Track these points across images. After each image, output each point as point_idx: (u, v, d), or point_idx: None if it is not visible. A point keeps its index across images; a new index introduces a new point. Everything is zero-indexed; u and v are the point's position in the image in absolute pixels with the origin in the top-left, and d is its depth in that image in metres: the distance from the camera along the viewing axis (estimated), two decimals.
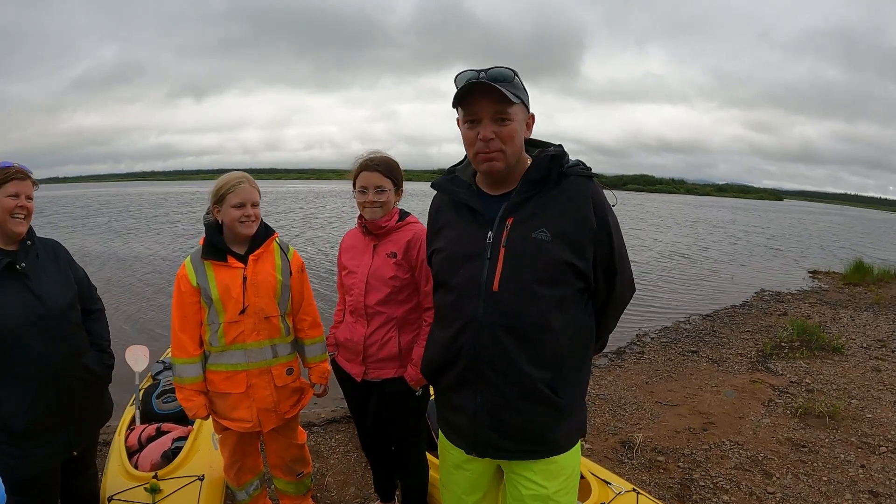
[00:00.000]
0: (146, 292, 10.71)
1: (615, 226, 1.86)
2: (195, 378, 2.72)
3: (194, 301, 2.67)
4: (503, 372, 1.82)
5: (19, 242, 2.40)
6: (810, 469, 3.99)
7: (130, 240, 18.71)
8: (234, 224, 2.63)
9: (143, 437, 3.45)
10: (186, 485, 2.91)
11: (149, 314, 9.14)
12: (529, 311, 1.79)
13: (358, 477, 3.93)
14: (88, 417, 2.61)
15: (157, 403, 3.90)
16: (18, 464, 2.34)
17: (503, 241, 1.82)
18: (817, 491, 3.70)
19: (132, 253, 15.48)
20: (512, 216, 1.83)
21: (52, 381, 2.35)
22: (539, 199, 1.82)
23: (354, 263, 2.75)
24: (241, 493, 3.07)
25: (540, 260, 1.77)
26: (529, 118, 1.88)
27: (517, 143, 1.81)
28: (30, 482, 2.41)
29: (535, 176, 1.82)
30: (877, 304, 9.97)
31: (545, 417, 1.84)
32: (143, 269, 13.15)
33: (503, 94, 1.71)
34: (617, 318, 2.07)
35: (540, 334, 1.80)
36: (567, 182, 1.82)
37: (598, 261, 1.83)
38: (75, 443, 2.55)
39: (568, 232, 1.77)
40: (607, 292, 1.92)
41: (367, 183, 2.61)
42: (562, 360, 1.83)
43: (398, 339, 2.68)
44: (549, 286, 1.78)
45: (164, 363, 4.62)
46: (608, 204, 1.86)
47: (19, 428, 2.30)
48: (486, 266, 1.84)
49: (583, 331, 1.91)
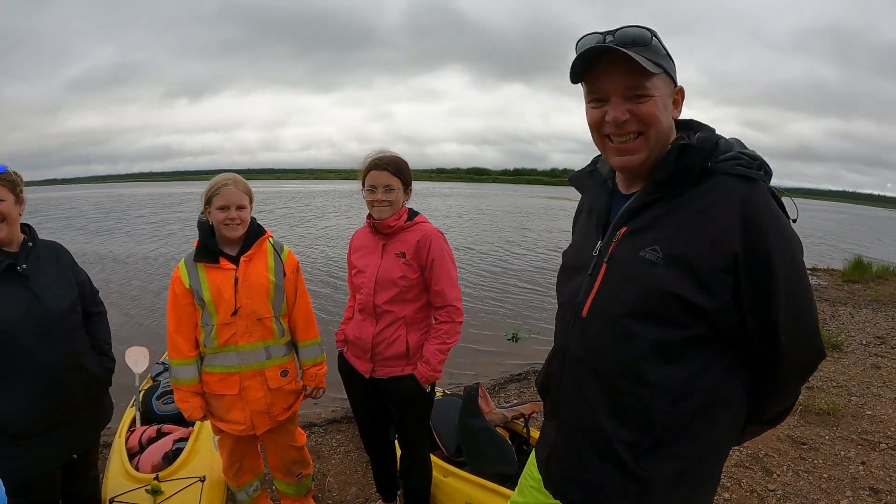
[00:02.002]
0: (145, 293, 10.72)
1: (785, 257, 1.28)
2: (191, 379, 2.73)
3: (188, 303, 2.68)
4: (578, 417, 1.50)
5: (21, 244, 2.39)
6: (811, 466, 3.99)
7: (128, 241, 18.66)
8: (220, 226, 2.64)
9: (143, 439, 3.45)
10: (188, 486, 2.91)
11: (148, 315, 9.16)
12: (614, 352, 1.39)
13: (359, 477, 3.93)
14: (88, 419, 2.61)
15: (158, 405, 3.90)
16: (17, 465, 2.34)
17: (608, 255, 1.44)
18: (818, 488, 3.70)
19: (131, 254, 15.43)
20: (626, 225, 1.43)
21: (50, 382, 2.34)
22: (665, 204, 1.37)
23: (364, 263, 2.77)
24: (241, 493, 3.07)
25: (638, 286, 1.35)
26: (677, 92, 1.42)
27: (662, 125, 1.36)
28: (29, 483, 2.41)
29: (662, 175, 1.36)
30: (876, 301, 9.96)
31: (618, 485, 1.42)
32: (147, 270, 13.19)
33: (637, 63, 1.28)
34: (789, 392, 1.47)
35: (627, 385, 1.38)
36: (712, 183, 1.32)
37: (746, 303, 1.29)
38: (75, 445, 2.55)
39: (687, 255, 1.30)
40: (767, 352, 1.34)
41: (376, 182, 2.62)
42: (655, 423, 1.36)
43: (406, 338, 2.70)
44: (643, 323, 1.34)
45: (163, 364, 4.62)
46: (775, 221, 1.29)
47: (18, 429, 2.30)
48: (584, 284, 1.49)
49: (708, 395, 1.36)
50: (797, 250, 1.33)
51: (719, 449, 1.45)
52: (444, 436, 3.50)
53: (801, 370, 1.42)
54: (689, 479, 1.40)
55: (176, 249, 16.23)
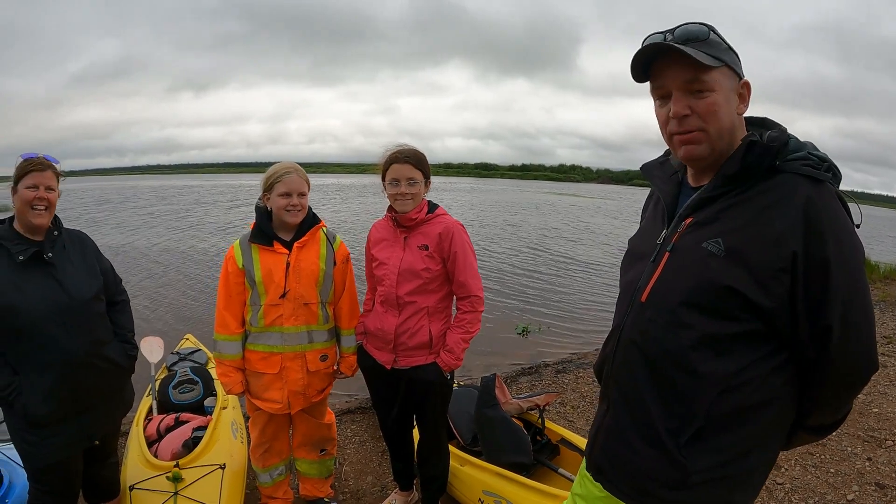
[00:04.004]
0: (158, 283, 10.87)
1: (844, 262, 1.27)
2: (235, 355, 2.83)
3: (239, 282, 2.78)
4: (626, 397, 1.52)
5: (46, 232, 2.43)
6: (818, 461, 4.04)
7: (142, 233, 18.78)
8: (281, 212, 2.72)
9: (161, 427, 3.47)
10: (208, 473, 2.92)
11: (159, 306, 9.23)
12: (666, 339, 1.41)
13: (375, 466, 3.98)
14: (110, 407, 2.65)
15: (174, 394, 3.92)
16: (38, 451, 2.39)
17: (672, 244, 1.46)
18: (825, 482, 3.75)
19: (145, 246, 15.65)
20: (692, 216, 1.44)
21: (73, 369, 2.37)
22: (731, 198, 1.37)
23: (385, 255, 2.81)
24: (265, 475, 3.14)
25: (696, 277, 1.36)
26: (743, 86, 1.40)
27: (723, 119, 1.37)
28: (49, 469, 2.45)
29: (729, 170, 1.36)
30: (883, 301, 9.93)
31: (658, 469, 1.43)
32: (159, 260, 13.37)
33: (695, 59, 1.31)
34: (840, 400, 1.43)
35: (677, 373, 1.39)
36: (778, 181, 1.32)
37: (800, 305, 1.28)
38: (96, 432, 2.59)
39: (748, 250, 1.30)
40: (818, 358, 1.33)
41: (398, 175, 2.66)
42: (698, 413, 1.37)
43: (429, 328, 2.74)
44: (698, 313, 1.35)
45: (178, 354, 4.65)
46: (837, 225, 1.28)
47: (39, 416, 2.33)
48: (646, 271, 1.51)
49: (755, 393, 1.36)
50: (858, 257, 1.32)
51: (763, 448, 1.43)
52: (460, 425, 3.55)
53: (852, 380, 1.38)
54: (728, 473, 1.40)
55: (186, 243, 16.36)
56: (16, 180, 2.36)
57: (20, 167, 2.37)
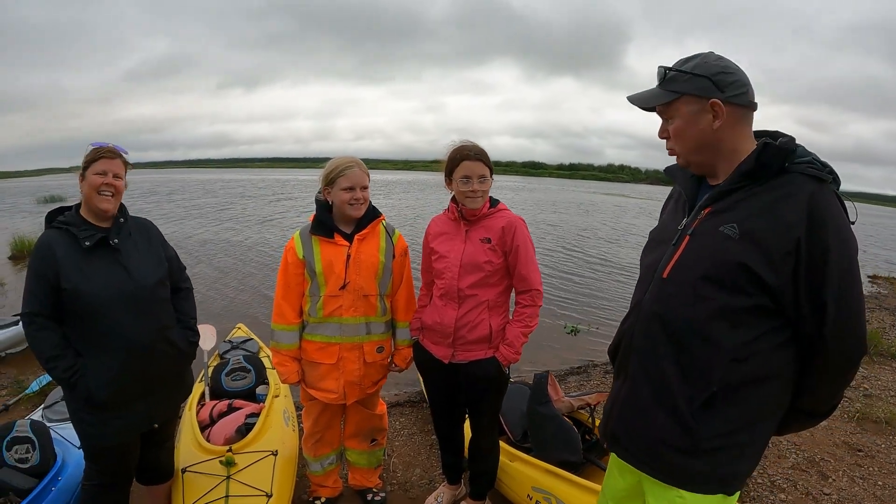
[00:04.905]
0: (216, 272, 11.15)
1: (840, 249, 1.47)
2: (291, 345, 2.88)
3: (298, 272, 2.83)
4: (645, 367, 1.71)
5: (113, 219, 2.48)
6: (866, 473, 3.97)
7: (198, 224, 19.21)
8: (344, 206, 2.76)
9: (214, 413, 3.55)
10: (261, 459, 2.96)
11: (212, 294, 9.42)
12: (687, 309, 1.60)
13: (423, 459, 4.02)
14: (171, 391, 2.69)
15: (226, 381, 4.01)
16: (99, 432, 2.43)
17: (692, 229, 1.67)
18: (872, 495, 3.68)
19: (200, 237, 16.00)
20: (710, 206, 1.65)
21: (137, 354, 2.40)
22: (745, 192, 1.58)
23: (446, 248, 2.82)
24: (316, 464, 3.20)
25: (715, 255, 1.56)
26: (713, 105, 1.59)
27: (688, 138, 1.67)
28: (108, 451, 2.50)
29: (745, 167, 1.58)
30: None
31: (670, 434, 1.63)
32: (209, 251, 13.69)
33: (655, 97, 1.70)
34: (833, 381, 1.61)
35: (695, 342, 1.59)
36: (786, 179, 1.54)
37: (801, 283, 1.48)
38: (157, 415, 2.63)
39: (760, 233, 1.51)
40: (814, 333, 1.52)
41: (470, 172, 2.68)
42: (713, 379, 1.56)
43: (489, 322, 2.75)
44: (715, 287, 1.55)
45: (231, 343, 4.77)
46: (836, 219, 1.49)
47: (102, 399, 2.36)
48: (667, 252, 1.71)
49: (761, 365, 1.56)
50: (852, 247, 1.51)
51: (767, 420, 1.63)
52: (510, 421, 3.57)
53: (843, 357, 1.55)
54: (735, 442, 1.59)
55: (240, 233, 16.70)
56: (85, 167, 2.40)
57: (90, 154, 2.42)
